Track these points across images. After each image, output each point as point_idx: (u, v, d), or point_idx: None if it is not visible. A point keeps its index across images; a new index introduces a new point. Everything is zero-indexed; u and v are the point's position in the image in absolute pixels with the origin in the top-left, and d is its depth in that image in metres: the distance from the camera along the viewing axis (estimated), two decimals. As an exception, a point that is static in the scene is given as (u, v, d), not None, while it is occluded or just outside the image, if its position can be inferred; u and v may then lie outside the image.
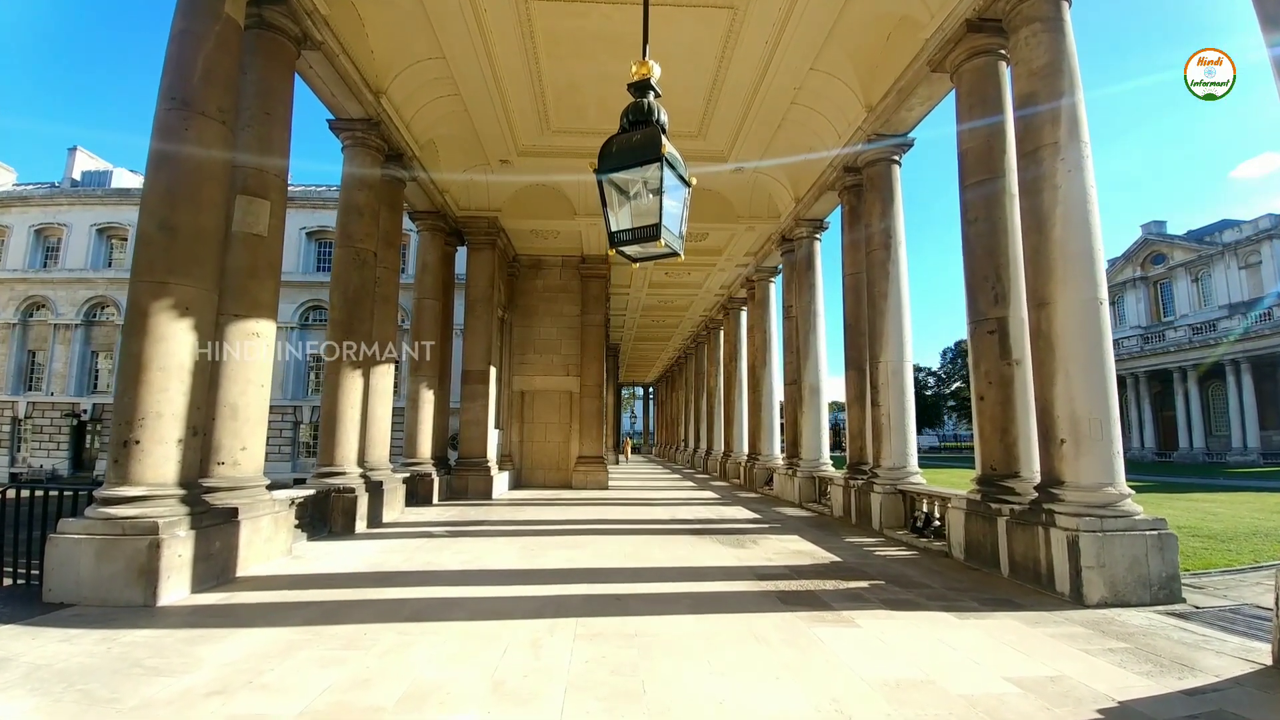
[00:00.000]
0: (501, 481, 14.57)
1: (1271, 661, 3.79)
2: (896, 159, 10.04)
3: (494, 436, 14.96)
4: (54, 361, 33.31)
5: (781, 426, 16.24)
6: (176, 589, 5.06)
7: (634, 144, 3.06)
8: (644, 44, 3.39)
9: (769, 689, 3.46)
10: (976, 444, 7.16)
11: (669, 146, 3.01)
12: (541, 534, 8.90)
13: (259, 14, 6.69)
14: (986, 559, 6.47)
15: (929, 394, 70.47)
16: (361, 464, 9.45)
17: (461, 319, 14.48)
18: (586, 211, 14.28)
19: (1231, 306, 39.05)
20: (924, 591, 5.61)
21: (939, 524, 8.04)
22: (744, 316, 20.04)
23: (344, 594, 5.37)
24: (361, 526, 8.68)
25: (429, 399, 12.96)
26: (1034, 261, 6.13)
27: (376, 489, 9.34)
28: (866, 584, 5.88)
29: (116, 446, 5.22)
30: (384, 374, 10.38)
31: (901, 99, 8.99)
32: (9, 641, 3.99)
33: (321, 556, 6.90)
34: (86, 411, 32.86)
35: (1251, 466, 31.59)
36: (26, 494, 6.05)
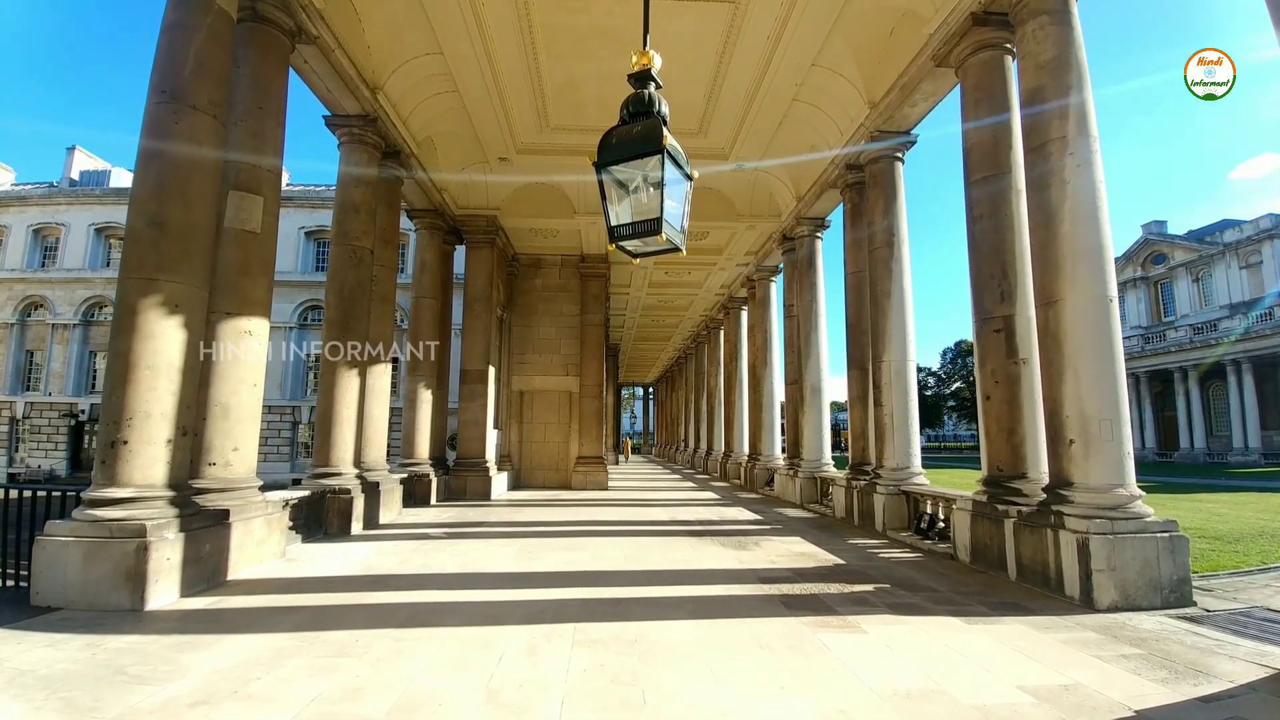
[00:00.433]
0: (500, 482, 14.45)
1: (1285, 667, 3.71)
2: (899, 156, 9.93)
3: (492, 437, 14.84)
4: (52, 361, 33.22)
5: (782, 427, 16.13)
6: (165, 593, 4.95)
7: (634, 136, 2.96)
8: (644, 34, 3.28)
9: (774, 699, 3.34)
10: (982, 444, 7.05)
11: (670, 138, 2.91)
12: (540, 536, 8.79)
13: (252, 7, 6.59)
14: (993, 561, 6.35)
15: (929, 394, 70.39)
16: (358, 465, 9.32)
17: (460, 318, 14.36)
18: (586, 210, 14.19)
19: (1232, 306, 38.94)
20: (930, 595, 5.49)
21: (943, 525, 7.92)
22: (744, 316, 19.91)
23: (337, 598, 5.26)
24: (357, 528, 8.56)
25: (427, 399, 12.84)
26: (1042, 258, 6.02)
27: (373, 490, 9.21)
28: (871, 588, 5.76)
29: (104, 447, 5.11)
30: (381, 373, 10.27)
31: (905, 95, 8.88)
32: (-6, 646, 3.89)
33: (315, 559, 6.79)
34: (84, 412, 32.72)
35: (1253, 467, 31.51)
36: (23, 495, 5.95)
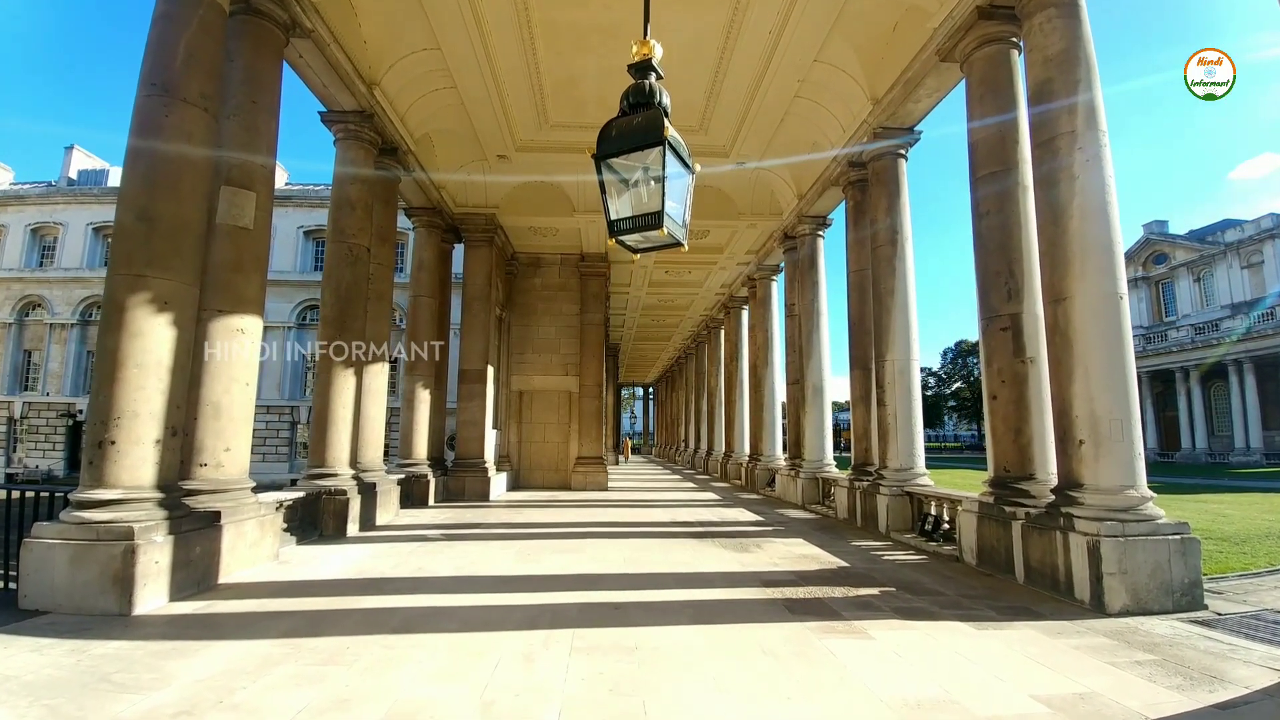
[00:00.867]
0: (499, 482, 14.33)
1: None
2: (903, 153, 9.80)
3: (491, 437, 14.71)
4: (50, 361, 33.11)
5: (784, 427, 16.01)
6: (153, 597, 4.83)
7: (635, 127, 2.84)
8: (645, 23, 3.17)
9: (779, 710, 3.21)
10: (988, 444, 6.93)
11: (672, 130, 2.79)
12: (538, 537, 8.67)
13: (245, -1, 6.46)
14: (1000, 564, 6.23)
15: (929, 394, 70.34)
16: (354, 465, 9.19)
17: (459, 318, 14.23)
18: (586, 208, 14.07)
19: (1234, 306, 38.83)
20: (937, 599, 5.37)
21: (948, 527, 7.80)
22: (745, 315, 19.79)
23: (329, 602, 5.14)
24: (353, 529, 8.44)
25: (425, 399, 12.72)
26: (1050, 255, 5.90)
27: (369, 491, 9.09)
28: (877, 591, 5.64)
29: (91, 447, 4.99)
30: (378, 373, 10.14)
31: (908, 91, 8.76)
32: (-22, 651, 3.79)
33: (309, 561, 6.66)
34: (82, 412, 32.54)
35: (1255, 467, 31.40)
36: (17, 495, 5.85)
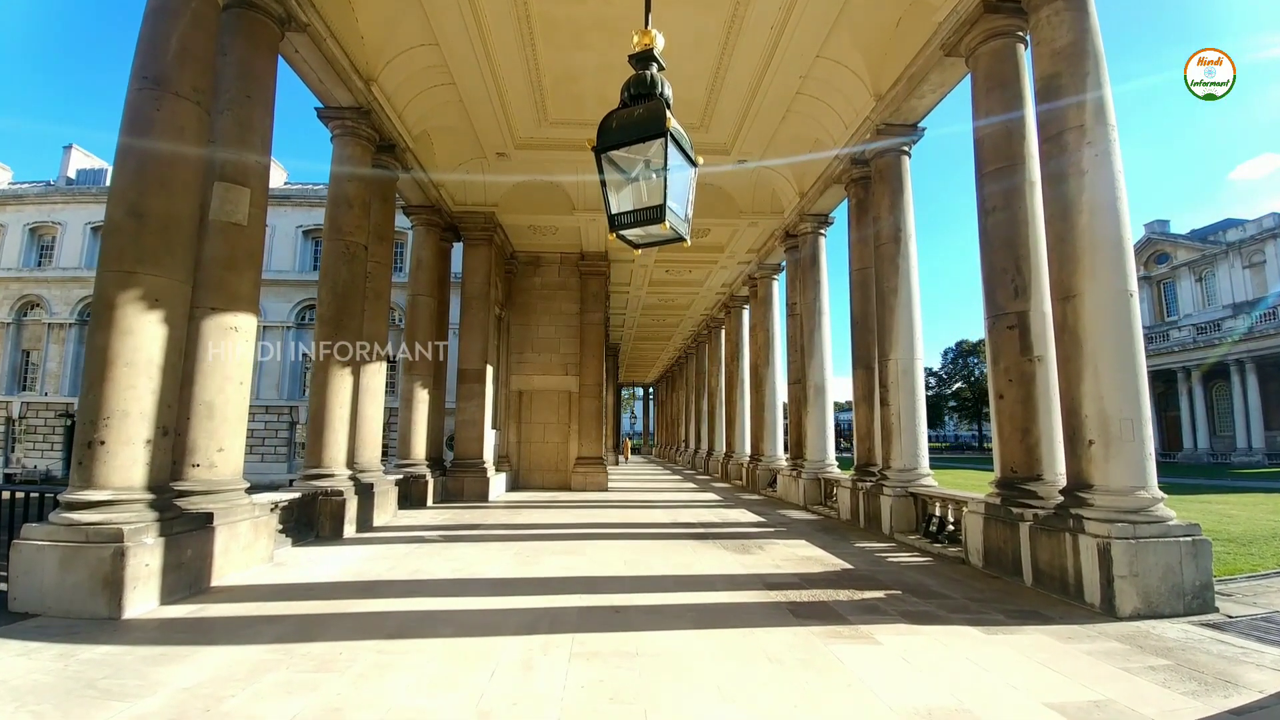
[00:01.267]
0: (498, 483, 14.22)
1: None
2: (906, 150, 9.69)
3: (490, 437, 14.60)
4: (48, 361, 32.98)
5: (785, 427, 15.91)
6: (144, 600, 4.73)
7: (636, 118, 2.74)
8: (646, 12, 3.06)
9: None
10: (995, 444, 6.82)
11: (674, 121, 2.69)
12: (538, 539, 8.56)
13: (239, -9, 6.35)
14: (1007, 567, 6.12)
15: (929, 394, 70.26)
16: (351, 465, 9.08)
17: (458, 317, 14.12)
18: (585, 206, 13.97)
19: (1236, 306, 38.69)
20: (944, 603, 5.26)
21: (954, 529, 7.69)
22: (746, 315, 19.69)
23: (323, 606, 5.02)
24: (350, 531, 8.33)
25: (423, 398, 12.60)
26: (1058, 252, 5.79)
27: (366, 491, 8.97)
28: (883, 594, 5.53)
29: (80, 447, 4.89)
30: (375, 372, 10.03)
31: (912, 86, 8.65)
32: (-33, 655, 3.70)
33: (305, 564, 6.55)
34: (80, 412, 32.47)
35: (1257, 467, 31.27)
36: (10, 496, 5.77)
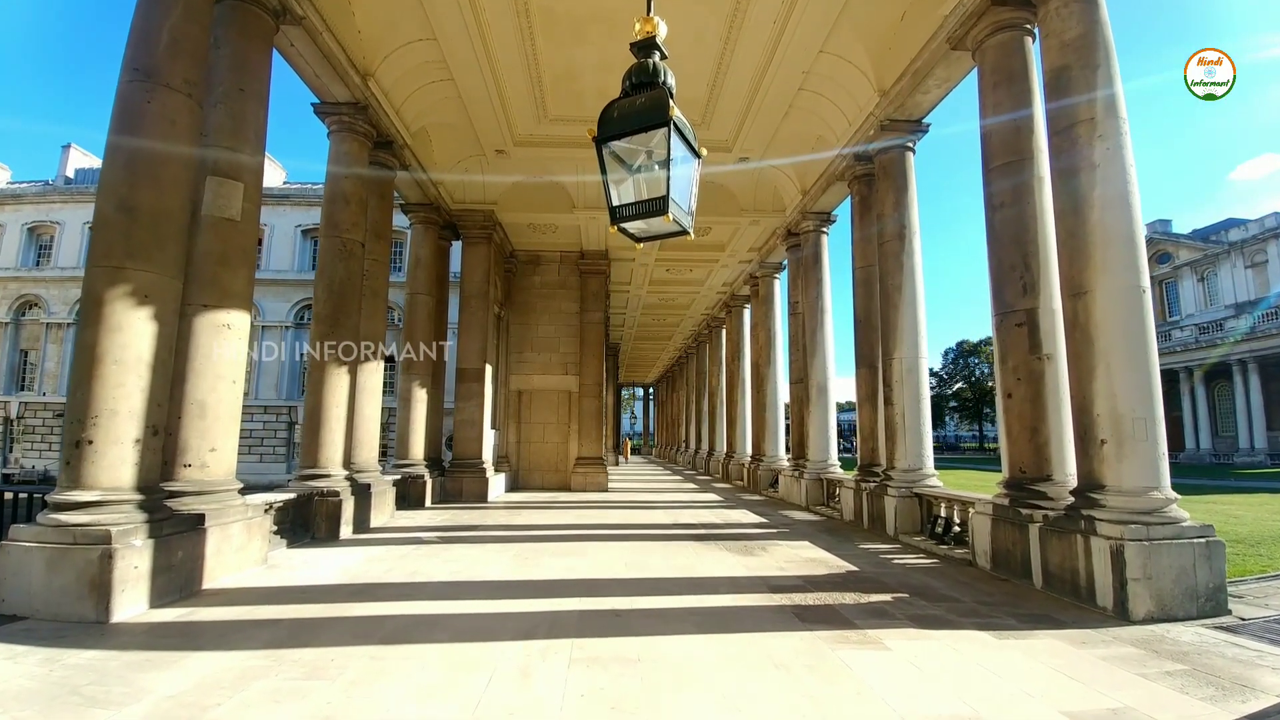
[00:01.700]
0: (498, 483, 14.09)
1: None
2: (910, 146, 9.57)
3: (490, 437, 14.48)
4: (46, 361, 32.86)
5: (787, 427, 15.78)
6: (132, 603, 4.62)
7: (638, 108, 2.65)
8: (648, 2, 2.95)
9: (794, 729, 2.99)
10: (1003, 444, 6.70)
11: (677, 110, 2.59)
12: (537, 540, 8.44)
13: (233, -17, 6.24)
14: (1016, 569, 6.00)
15: (931, 394, 70.24)
16: (348, 466, 8.96)
17: (457, 316, 14.00)
18: (585, 204, 13.85)
19: (1238, 306, 38.55)
20: (953, 606, 5.13)
21: (960, 530, 7.57)
22: (747, 314, 19.57)
23: (316, 610, 4.89)
24: (346, 532, 8.20)
25: (422, 398, 12.48)
26: (1069, 248, 5.67)
27: (363, 492, 8.85)
28: (889, 597, 5.41)
29: (69, 447, 4.77)
30: (372, 371, 9.91)
31: (917, 81, 8.53)
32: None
33: (299, 566, 6.43)
34: (78, 412, 32.34)
35: (1260, 467, 31.12)
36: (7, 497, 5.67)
